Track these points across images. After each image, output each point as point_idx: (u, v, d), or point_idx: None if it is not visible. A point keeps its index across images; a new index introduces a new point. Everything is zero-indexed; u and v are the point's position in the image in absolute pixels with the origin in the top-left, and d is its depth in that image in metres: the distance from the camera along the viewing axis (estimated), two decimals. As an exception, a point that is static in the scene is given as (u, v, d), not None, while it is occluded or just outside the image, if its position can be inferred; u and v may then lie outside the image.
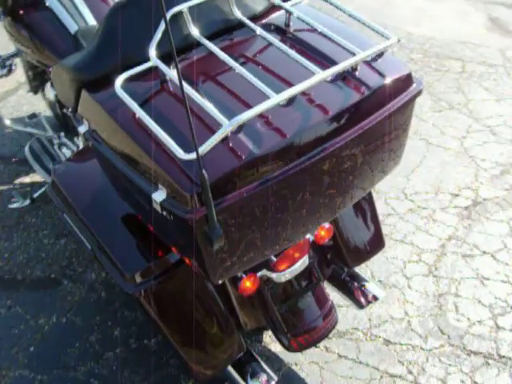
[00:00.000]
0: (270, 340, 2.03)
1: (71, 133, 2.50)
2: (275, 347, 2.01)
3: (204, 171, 0.96)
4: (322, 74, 1.14)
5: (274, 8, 1.45)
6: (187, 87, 1.15)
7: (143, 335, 2.06)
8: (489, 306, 2.17)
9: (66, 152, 2.50)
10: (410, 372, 1.94)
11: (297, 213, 1.23)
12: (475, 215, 2.58)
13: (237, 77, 1.21)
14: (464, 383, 1.91)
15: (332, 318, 1.70)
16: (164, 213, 1.11)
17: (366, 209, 1.81)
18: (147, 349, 2.01)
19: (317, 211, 1.29)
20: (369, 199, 1.82)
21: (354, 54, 1.24)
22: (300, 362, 1.97)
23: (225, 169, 1.06)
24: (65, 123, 2.49)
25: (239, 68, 1.19)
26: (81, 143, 2.17)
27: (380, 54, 1.27)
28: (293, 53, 1.25)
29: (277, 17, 1.43)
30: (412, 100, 1.33)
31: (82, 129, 1.34)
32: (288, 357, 1.97)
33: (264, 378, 1.63)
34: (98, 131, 1.30)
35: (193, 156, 1.02)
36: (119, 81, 1.18)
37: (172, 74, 1.18)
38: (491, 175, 2.82)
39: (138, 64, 1.25)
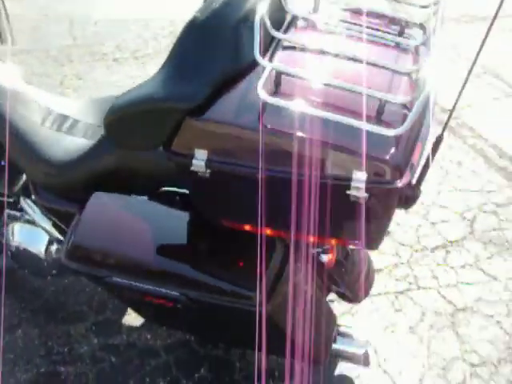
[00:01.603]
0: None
1: None
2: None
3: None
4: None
5: None
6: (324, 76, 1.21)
7: (189, 372, 1.96)
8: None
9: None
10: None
11: None
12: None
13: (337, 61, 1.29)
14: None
15: (372, 266, 1.93)
16: (363, 194, 1.16)
17: None
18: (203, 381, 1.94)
19: None
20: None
21: None
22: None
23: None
24: None
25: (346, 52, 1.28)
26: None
27: None
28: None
29: None
30: None
31: (198, 160, 1.24)
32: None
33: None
34: (228, 153, 1.23)
35: (398, 131, 1.12)
36: (260, 89, 1.16)
37: (295, 71, 1.22)
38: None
39: (237, 73, 1.24)
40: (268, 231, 1.40)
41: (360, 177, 1.17)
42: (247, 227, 1.41)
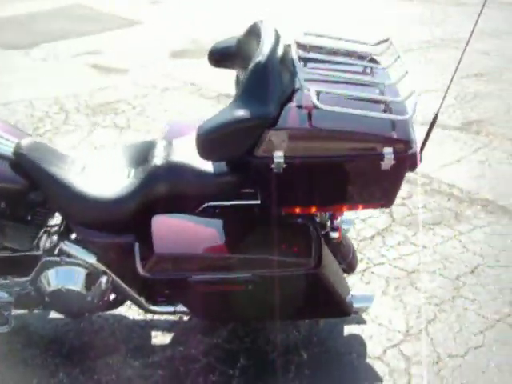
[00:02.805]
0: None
1: None
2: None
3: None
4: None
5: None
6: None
7: (231, 364, 2.39)
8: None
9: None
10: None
11: None
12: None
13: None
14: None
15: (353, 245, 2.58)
16: (391, 162, 1.81)
17: None
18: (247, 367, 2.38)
19: None
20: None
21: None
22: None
23: None
24: None
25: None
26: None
27: None
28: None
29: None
30: None
31: (277, 159, 1.79)
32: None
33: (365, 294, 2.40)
34: (298, 149, 1.81)
35: (408, 116, 1.81)
36: (319, 103, 1.78)
37: (332, 90, 1.87)
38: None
39: (290, 94, 1.86)
40: (313, 209, 1.99)
41: (389, 151, 1.83)
42: (298, 209, 1.98)
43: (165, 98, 5.05)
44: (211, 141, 1.82)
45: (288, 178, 1.86)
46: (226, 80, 5.11)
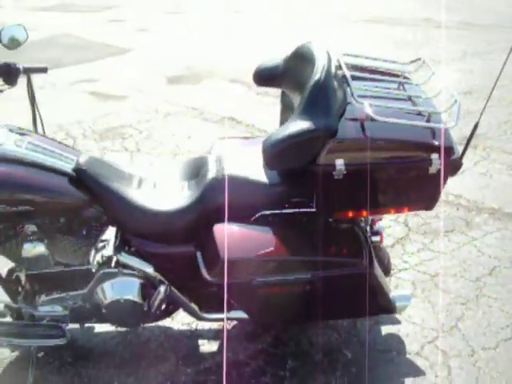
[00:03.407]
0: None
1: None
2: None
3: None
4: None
5: None
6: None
7: (280, 366, 2.54)
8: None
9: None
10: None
11: None
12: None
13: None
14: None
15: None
16: (438, 167, 2.03)
17: None
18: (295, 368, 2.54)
19: None
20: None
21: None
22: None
23: None
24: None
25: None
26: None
27: None
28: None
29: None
30: None
31: (339, 166, 1.99)
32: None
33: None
34: (358, 156, 2.02)
35: (454, 124, 2.04)
36: (375, 115, 1.99)
37: (382, 104, 2.09)
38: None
39: (344, 108, 2.08)
40: (364, 213, 2.19)
41: (436, 156, 2.05)
42: (351, 213, 2.17)
43: (169, 122, 5.23)
44: (279, 151, 2.02)
45: (346, 184, 2.06)
46: (226, 105, 5.40)
